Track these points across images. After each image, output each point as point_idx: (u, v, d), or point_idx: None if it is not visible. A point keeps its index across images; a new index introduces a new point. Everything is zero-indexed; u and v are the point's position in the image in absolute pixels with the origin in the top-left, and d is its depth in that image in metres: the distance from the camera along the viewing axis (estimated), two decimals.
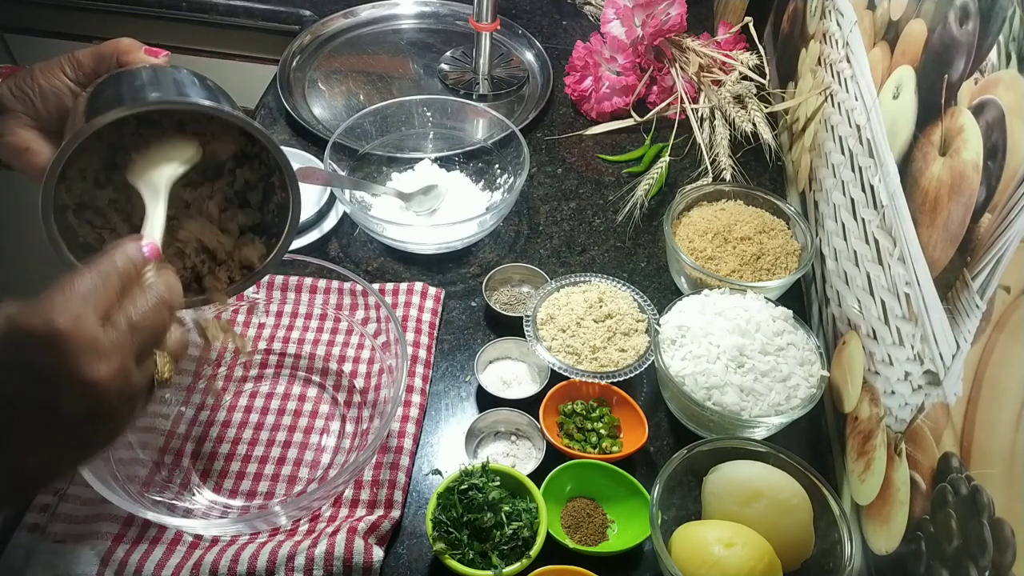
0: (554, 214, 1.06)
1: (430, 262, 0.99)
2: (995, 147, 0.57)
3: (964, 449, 0.57)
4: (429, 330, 0.89)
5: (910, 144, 0.72)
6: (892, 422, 0.69)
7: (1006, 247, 0.54)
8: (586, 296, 0.88)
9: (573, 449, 0.78)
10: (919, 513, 0.62)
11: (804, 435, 0.84)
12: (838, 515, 0.69)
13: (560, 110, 1.23)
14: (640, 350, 0.84)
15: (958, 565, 0.56)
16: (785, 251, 0.94)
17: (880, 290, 0.75)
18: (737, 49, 1.23)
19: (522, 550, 0.68)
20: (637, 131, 1.20)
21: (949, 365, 0.60)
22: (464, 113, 1.14)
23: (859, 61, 0.87)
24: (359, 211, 0.96)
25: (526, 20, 1.39)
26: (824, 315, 0.91)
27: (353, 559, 0.67)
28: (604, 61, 1.17)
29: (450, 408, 0.85)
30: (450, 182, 1.04)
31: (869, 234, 0.79)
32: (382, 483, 0.75)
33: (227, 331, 0.64)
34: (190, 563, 0.68)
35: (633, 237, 1.04)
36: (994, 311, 0.55)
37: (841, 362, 0.83)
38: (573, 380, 0.82)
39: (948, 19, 0.67)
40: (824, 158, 0.96)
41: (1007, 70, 0.57)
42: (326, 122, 1.16)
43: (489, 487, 0.70)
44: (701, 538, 0.67)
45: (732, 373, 0.78)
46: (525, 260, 0.99)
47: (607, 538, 0.74)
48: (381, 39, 1.34)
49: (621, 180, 1.12)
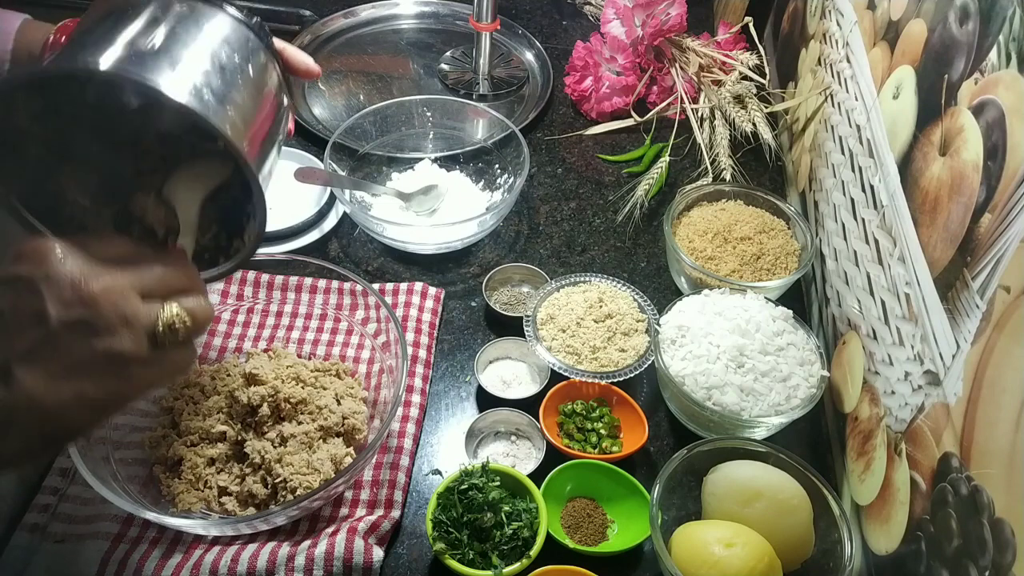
0: (554, 214, 1.06)
1: (430, 262, 0.99)
2: (995, 147, 0.57)
3: (964, 449, 0.57)
4: (429, 330, 0.89)
5: (910, 144, 0.72)
6: (892, 422, 0.69)
7: (1006, 247, 0.54)
8: (586, 296, 0.88)
9: (573, 449, 0.78)
10: (919, 513, 0.62)
11: (804, 435, 0.84)
12: (838, 515, 0.69)
13: (560, 110, 1.23)
14: (640, 350, 0.84)
15: (958, 565, 0.56)
16: (785, 251, 0.94)
17: (880, 290, 0.75)
18: (737, 49, 1.23)
19: (522, 550, 0.68)
20: (637, 131, 1.20)
21: (949, 365, 0.60)
22: (464, 113, 1.14)
23: (859, 61, 0.87)
24: (359, 211, 0.96)
25: (526, 20, 1.39)
26: (824, 315, 0.91)
27: (353, 559, 0.67)
28: (604, 61, 1.17)
29: (450, 408, 0.85)
30: (450, 182, 1.04)
31: (869, 234, 0.79)
32: (382, 483, 0.75)
33: None
34: (190, 563, 0.67)
35: (633, 237, 1.04)
36: (994, 311, 0.55)
37: (841, 362, 0.83)
38: (573, 380, 0.82)
39: (948, 19, 0.67)
40: (824, 158, 0.96)
41: (1007, 70, 0.57)
42: (326, 122, 1.16)
43: (489, 487, 0.70)
44: (701, 538, 0.67)
45: (732, 373, 0.78)
46: (525, 260, 0.99)
47: (607, 538, 0.74)
48: (381, 39, 1.34)
49: (621, 180, 1.12)
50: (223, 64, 0.52)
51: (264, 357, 0.82)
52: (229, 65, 0.53)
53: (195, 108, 0.48)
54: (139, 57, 0.48)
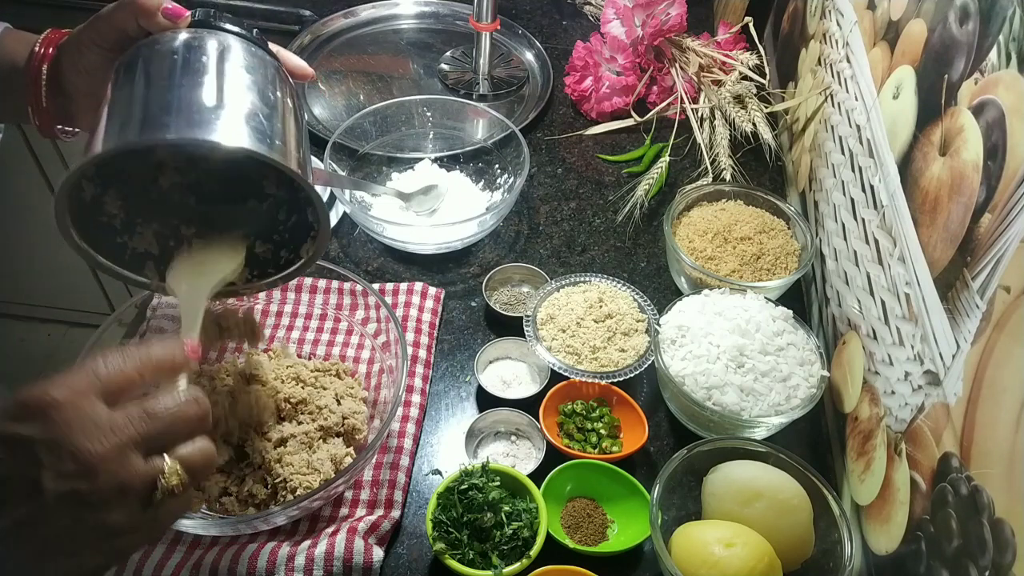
0: (554, 214, 1.06)
1: (430, 262, 0.99)
2: (995, 147, 0.57)
3: (964, 449, 0.57)
4: (429, 330, 0.89)
5: (910, 144, 0.72)
6: (892, 422, 0.69)
7: (1006, 247, 0.54)
8: (586, 296, 0.88)
9: (573, 449, 0.78)
10: (919, 513, 0.62)
11: (804, 435, 0.84)
12: (838, 515, 0.69)
13: (560, 110, 1.23)
14: (640, 350, 0.84)
15: (958, 565, 0.56)
16: (785, 251, 0.94)
17: (880, 290, 0.75)
18: (737, 49, 1.23)
19: (522, 550, 0.68)
20: (637, 131, 1.20)
21: (949, 365, 0.60)
22: (464, 113, 1.14)
23: (859, 61, 0.87)
24: (359, 211, 0.96)
25: (526, 20, 1.39)
26: (824, 315, 0.90)
27: (353, 559, 0.67)
28: (604, 61, 1.17)
29: (450, 408, 0.85)
30: (450, 182, 1.04)
31: (869, 234, 0.79)
32: (382, 483, 0.75)
33: (246, 323, 0.63)
34: (190, 563, 0.68)
35: (633, 237, 1.04)
36: (994, 311, 0.55)
37: (841, 362, 0.83)
38: (573, 380, 0.82)
39: (948, 19, 0.67)
40: (824, 158, 0.96)
41: (1007, 70, 0.57)
42: (326, 122, 1.16)
43: (489, 487, 0.70)
44: (701, 538, 0.67)
45: (732, 373, 0.78)
46: (525, 260, 0.99)
47: (607, 538, 0.74)
48: (381, 39, 1.34)
49: (621, 180, 1.12)
50: (262, 96, 0.55)
51: (264, 357, 0.82)
52: (264, 94, 0.55)
53: (262, 152, 0.51)
54: (199, 116, 0.50)
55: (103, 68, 0.58)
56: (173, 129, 0.49)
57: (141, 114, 0.50)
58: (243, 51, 0.56)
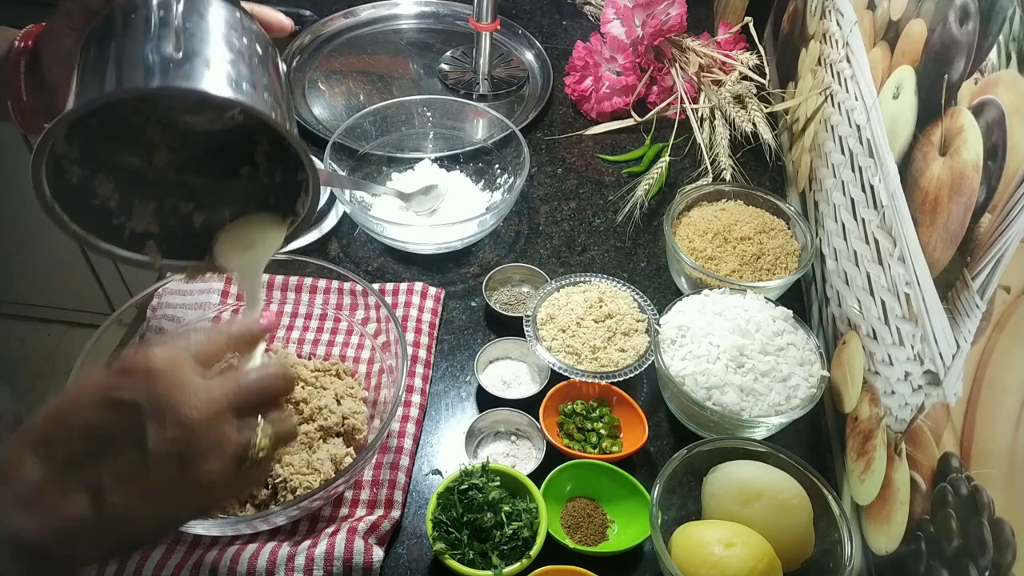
0: (554, 214, 1.06)
1: (430, 262, 0.99)
2: (995, 147, 0.57)
3: (964, 449, 0.57)
4: (429, 330, 0.89)
5: (910, 144, 0.72)
6: (892, 422, 0.69)
7: (1006, 247, 0.54)
8: (586, 296, 0.88)
9: (573, 449, 0.78)
10: (919, 513, 0.62)
11: (804, 435, 0.84)
12: (838, 515, 0.69)
13: (560, 110, 1.23)
14: (640, 350, 0.84)
15: (958, 565, 0.56)
16: (785, 251, 0.94)
17: (880, 290, 0.75)
18: (737, 49, 1.23)
19: (522, 550, 0.68)
20: (637, 131, 1.20)
21: (949, 365, 0.60)
22: (464, 113, 1.14)
23: (859, 61, 0.87)
24: (359, 211, 0.96)
25: (526, 20, 1.39)
26: (824, 315, 0.91)
27: (353, 559, 0.67)
28: (604, 61, 1.17)
29: (450, 408, 0.85)
30: (450, 182, 1.04)
31: (869, 234, 0.79)
32: (382, 483, 0.75)
33: None
34: (190, 563, 0.68)
35: (633, 237, 1.04)
36: (994, 311, 0.55)
37: (841, 362, 0.83)
38: (573, 380, 0.82)
39: (948, 19, 0.67)
40: (824, 158, 0.96)
41: (1007, 70, 0.57)
42: (326, 122, 1.16)
43: (489, 487, 0.70)
44: (701, 538, 0.67)
45: (732, 373, 0.78)
46: (525, 260, 0.99)
47: (607, 538, 0.74)
48: (381, 39, 1.34)
49: (621, 180, 1.12)
50: (239, 48, 0.53)
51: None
52: (240, 46, 0.54)
53: (244, 101, 0.49)
54: (175, 64, 0.49)
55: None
56: (157, 78, 0.48)
57: (116, 71, 0.49)
58: (216, 3, 0.55)
